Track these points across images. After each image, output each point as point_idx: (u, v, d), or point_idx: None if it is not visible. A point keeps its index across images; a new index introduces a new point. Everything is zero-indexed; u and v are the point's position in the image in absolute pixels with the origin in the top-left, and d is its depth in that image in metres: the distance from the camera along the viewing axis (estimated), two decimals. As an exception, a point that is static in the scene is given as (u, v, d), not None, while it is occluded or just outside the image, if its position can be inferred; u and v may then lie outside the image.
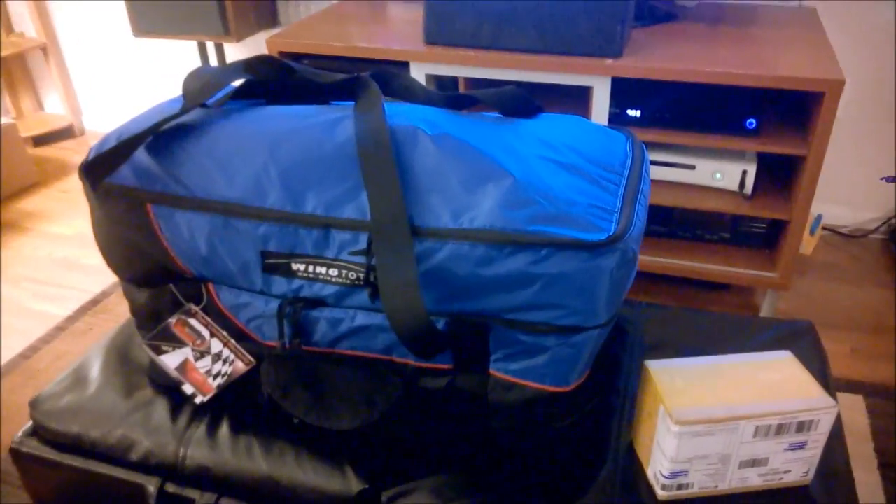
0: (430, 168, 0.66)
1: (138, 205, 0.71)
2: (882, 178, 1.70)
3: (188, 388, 0.78)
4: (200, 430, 0.81)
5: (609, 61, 1.41)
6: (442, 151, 0.67)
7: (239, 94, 0.81)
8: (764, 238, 1.60)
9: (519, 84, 1.76)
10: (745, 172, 1.50)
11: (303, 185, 0.67)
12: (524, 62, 1.45)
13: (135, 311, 0.82)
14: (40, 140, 2.75)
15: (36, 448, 0.87)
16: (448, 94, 0.82)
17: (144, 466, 0.81)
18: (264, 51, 2.25)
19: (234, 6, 2.00)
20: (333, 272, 0.68)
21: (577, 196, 0.65)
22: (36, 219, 2.26)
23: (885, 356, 1.56)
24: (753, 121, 1.42)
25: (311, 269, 0.68)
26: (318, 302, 0.70)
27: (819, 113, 1.33)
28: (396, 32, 1.65)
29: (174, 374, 0.78)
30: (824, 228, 2.01)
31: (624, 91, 1.53)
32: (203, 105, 0.76)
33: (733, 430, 0.66)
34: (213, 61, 2.39)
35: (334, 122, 0.71)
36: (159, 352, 0.78)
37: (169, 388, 0.86)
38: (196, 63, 2.51)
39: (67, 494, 0.88)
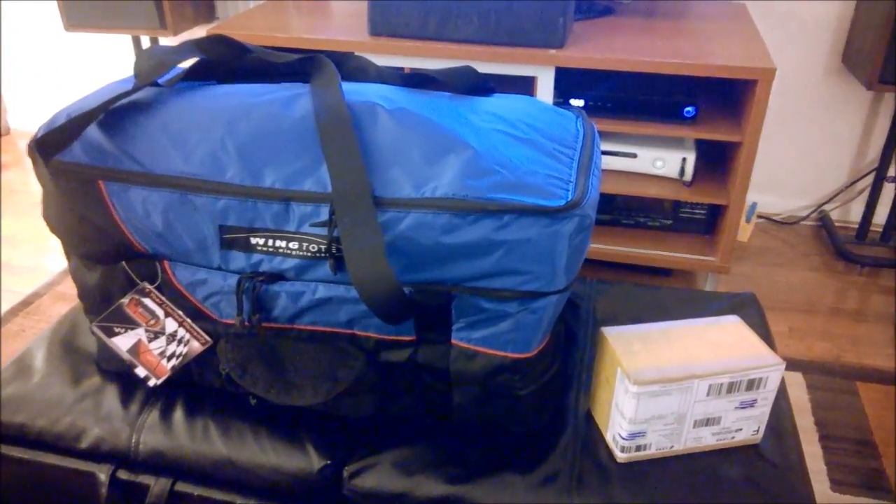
0: (390, 142, 0.67)
1: (91, 182, 0.69)
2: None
3: (141, 372, 0.76)
4: (153, 414, 0.79)
5: (552, 51, 1.44)
6: (401, 125, 0.68)
7: (190, 75, 0.80)
8: (704, 224, 1.66)
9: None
10: (684, 160, 1.55)
11: (261, 160, 0.67)
12: (469, 52, 1.46)
13: (84, 293, 0.79)
14: (-37, 139, 2.63)
15: (-23, 441, 0.83)
16: (402, 73, 0.82)
17: (95, 454, 0.79)
18: (203, 45, 2.20)
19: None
20: (294, 245, 0.67)
21: (535, 167, 0.66)
22: (-39, 219, 2.16)
23: (821, 334, 1.63)
24: (691, 109, 1.47)
25: (270, 242, 0.68)
26: (277, 276, 0.69)
27: (752, 100, 1.38)
28: (339, 24, 1.64)
29: (126, 356, 0.76)
30: (759, 216, 2.09)
31: (567, 81, 1.57)
32: (155, 84, 0.75)
33: (688, 388, 0.68)
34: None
35: (291, 98, 0.71)
36: (111, 334, 0.76)
37: (119, 375, 0.84)
38: (130, 58, 2.44)
39: (12, 488, 0.84)
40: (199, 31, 2.29)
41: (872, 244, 1.93)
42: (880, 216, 2.02)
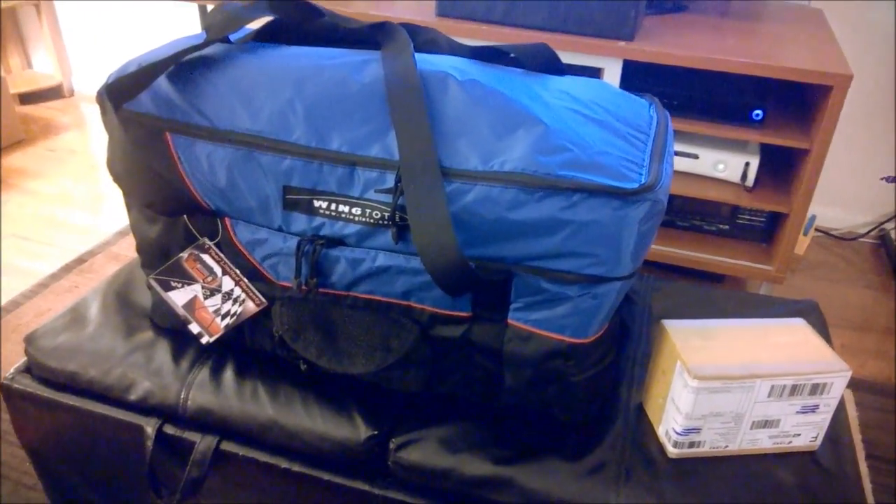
0: (460, 113, 0.65)
1: (157, 133, 0.69)
2: (882, 178, 1.72)
3: (194, 328, 0.77)
4: (204, 372, 0.79)
5: (622, 43, 1.41)
6: (471, 97, 0.66)
7: (259, 35, 0.80)
8: (762, 232, 1.61)
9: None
10: (747, 164, 1.50)
11: (329, 123, 0.66)
12: (536, 39, 1.44)
13: (142, 247, 0.80)
14: (27, 98, 2.69)
15: (29, 385, 0.85)
16: (475, 47, 0.81)
17: (143, 407, 0.79)
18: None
19: (240, -29, 1.97)
20: (357, 211, 0.66)
21: (608, 147, 0.65)
22: (21, 175, 2.22)
23: (873, 353, 1.58)
24: (760, 112, 1.43)
25: (333, 206, 0.67)
26: (338, 241, 0.69)
27: (826, 107, 1.34)
28: (406, 4, 1.64)
29: (181, 311, 0.76)
30: (816, 230, 2.03)
31: (633, 75, 1.53)
32: (225, 40, 0.75)
33: (749, 388, 0.66)
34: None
35: (362, 63, 0.70)
36: (167, 287, 0.76)
37: (172, 331, 0.85)
38: (196, 28, 2.47)
39: (60, 436, 0.86)
40: (264, 6, 2.30)
41: (936, 266, 1.86)
42: (946, 238, 1.95)
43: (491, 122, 0.64)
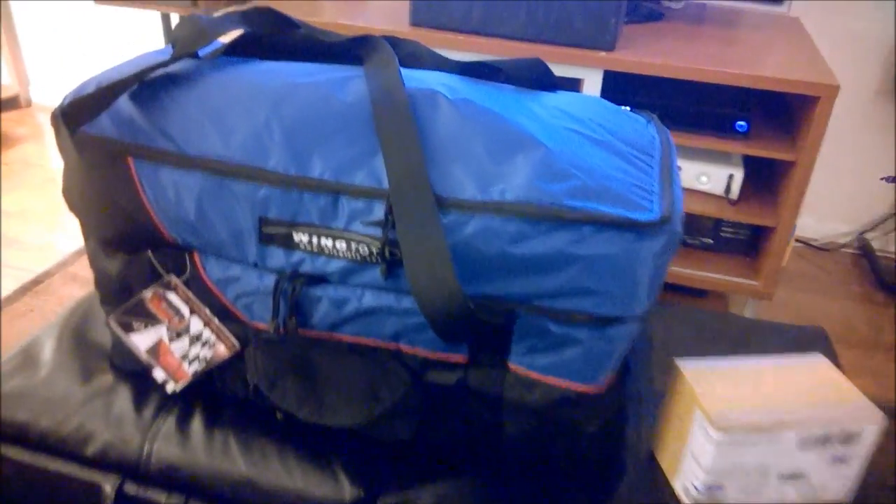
0: (452, 135, 0.59)
1: (118, 158, 0.62)
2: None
3: (159, 374, 0.69)
4: (169, 422, 0.72)
5: (602, 53, 1.36)
6: (464, 117, 0.60)
7: (231, 50, 0.73)
8: (746, 245, 1.58)
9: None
10: (731, 176, 1.47)
11: (309, 147, 0.59)
12: (514, 49, 1.39)
13: (101, 282, 0.72)
14: (-19, 110, 2.57)
15: (-25, 438, 0.76)
16: (462, 62, 0.75)
17: (102, 463, 0.71)
18: (231, 28, 2.13)
19: (203, -24, 1.89)
20: (341, 245, 0.60)
21: (614, 172, 0.59)
22: (-28, 191, 2.10)
23: (861, 368, 1.55)
24: (744, 124, 1.39)
25: (314, 240, 0.60)
26: (319, 278, 0.62)
27: (812, 118, 1.30)
28: (379, 12, 1.57)
29: (144, 356, 0.69)
30: (796, 240, 2.01)
31: (613, 86, 1.49)
32: (194, 56, 0.68)
33: (776, 438, 0.60)
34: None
35: (343, 80, 0.63)
36: (129, 329, 0.68)
37: (133, 375, 0.76)
38: (158, 37, 2.37)
39: (8, 493, 0.77)
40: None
41: (916, 276, 1.85)
42: (925, 248, 1.94)
43: (487, 144, 0.58)
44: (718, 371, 0.65)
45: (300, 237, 0.60)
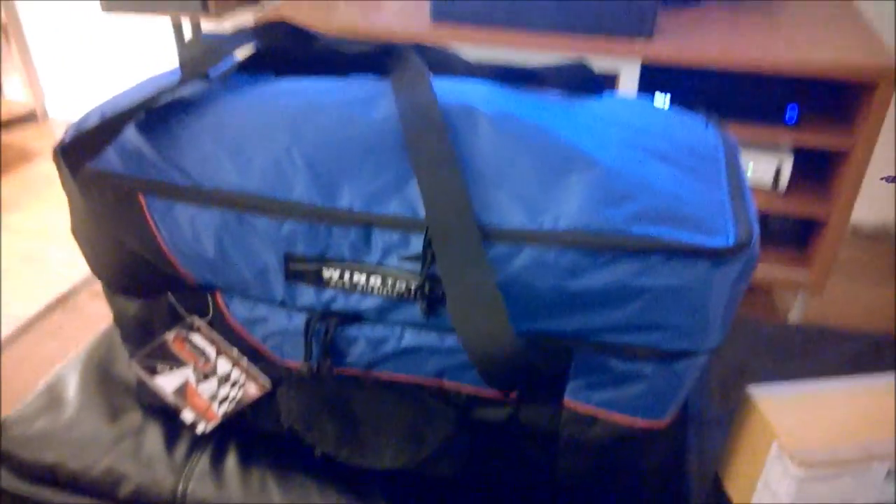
0: (495, 157, 0.53)
1: (128, 196, 0.57)
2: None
3: (188, 416, 0.65)
4: (203, 461, 0.67)
5: (640, 42, 1.29)
6: (507, 135, 0.54)
7: (244, 67, 0.68)
8: (794, 238, 1.50)
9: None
10: (780, 167, 1.39)
11: (335, 175, 0.54)
12: (543, 43, 1.32)
13: (120, 321, 0.67)
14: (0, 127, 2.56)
15: (4, 479, 0.73)
16: (496, 68, 0.69)
17: (135, 505, 0.67)
18: (248, 30, 2.08)
19: (217, -20, 1.84)
20: (376, 281, 0.54)
21: (681, 190, 0.53)
22: (-4, 209, 2.09)
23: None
24: (794, 113, 1.31)
25: (346, 276, 0.55)
26: (354, 317, 0.57)
27: (869, 104, 1.22)
28: (398, 10, 1.51)
29: (171, 399, 0.64)
30: (842, 226, 1.92)
31: (650, 77, 1.41)
32: (204, 77, 0.62)
33: (864, 472, 0.54)
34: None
35: (368, 99, 0.58)
36: (153, 372, 0.64)
37: (162, 412, 0.72)
38: (170, 45, 2.34)
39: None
40: (244, 16, 2.18)
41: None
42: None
43: (535, 165, 0.52)
44: (793, 398, 0.59)
45: (330, 273, 0.55)
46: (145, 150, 0.57)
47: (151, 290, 0.61)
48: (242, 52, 0.66)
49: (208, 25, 2.25)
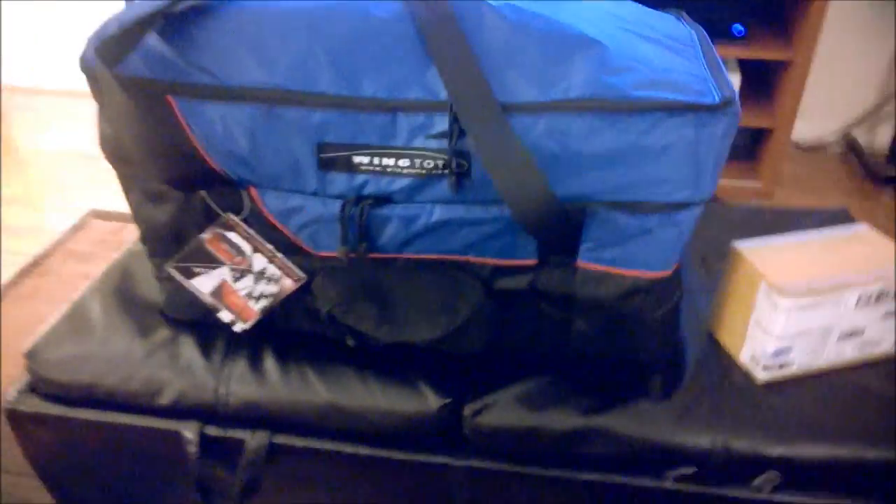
0: (503, 43, 0.58)
1: (157, 98, 0.60)
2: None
3: (226, 316, 0.69)
4: (240, 363, 0.72)
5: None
6: (512, 24, 0.59)
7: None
8: (743, 149, 1.60)
9: None
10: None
11: (357, 68, 0.58)
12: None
13: (150, 233, 0.71)
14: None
15: (37, 405, 0.76)
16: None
17: (177, 411, 0.72)
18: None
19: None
20: (404, 162, 0.59)
21: (670, 63, 0.59)
22: (-52, 182, 2.04)
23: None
24: (741, 27, 1.39)
25: (376, 160, 0.60)
26: (385, 199, 0.62)
27: (807, 15, 1.31)
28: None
29: (209, 300, 0.69)
30: (783, 143, 2.04)
31: None
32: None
33: (838, 300, 0.63)
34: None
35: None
36: (190, 275, 0.68)
37: (191, 324, 0.76)
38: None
39: (81, 456, 0.77)
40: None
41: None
42: (908, 137, 1.97)
43: (540, 48, 0.58)
44: (773, 248, 0.67)
45: (360, 159, 0.60)
46: (169, 55, 0.60)
47: (189, 186, 0.64)
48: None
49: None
